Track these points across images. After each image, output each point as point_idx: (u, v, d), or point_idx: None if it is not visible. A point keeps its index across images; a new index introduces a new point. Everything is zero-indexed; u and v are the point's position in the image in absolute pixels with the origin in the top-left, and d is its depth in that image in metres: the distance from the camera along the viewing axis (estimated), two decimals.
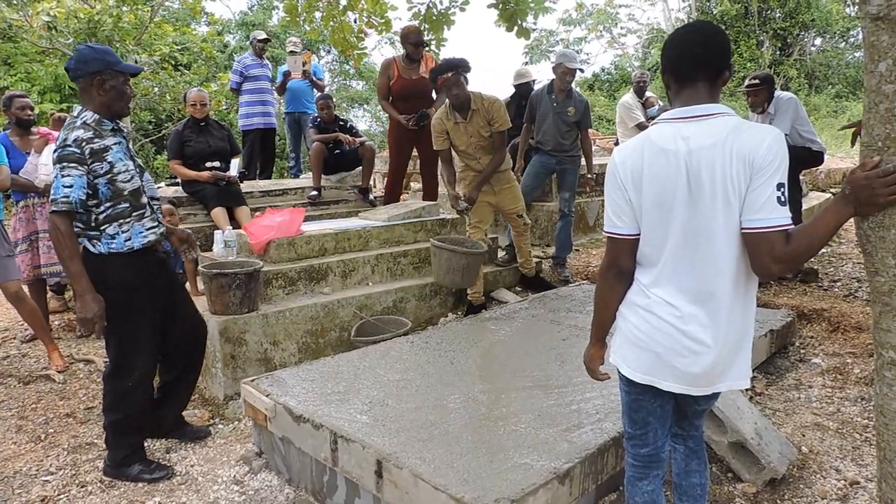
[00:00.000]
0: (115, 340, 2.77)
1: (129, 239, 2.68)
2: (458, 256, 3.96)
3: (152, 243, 2.79)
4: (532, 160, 5.33)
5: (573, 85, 5.25)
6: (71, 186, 2.48)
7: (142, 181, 2.77)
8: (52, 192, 2.52)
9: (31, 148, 4.43)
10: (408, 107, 5.39)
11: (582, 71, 5.30)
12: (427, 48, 5.46)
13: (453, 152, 4.44)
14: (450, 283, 4.10)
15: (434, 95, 5.41)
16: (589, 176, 5.55)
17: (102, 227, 2.63)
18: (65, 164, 2.49)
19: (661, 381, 1.64)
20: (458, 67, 4.07)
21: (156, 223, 2.81)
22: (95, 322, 2.58)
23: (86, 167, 2.53)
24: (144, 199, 2.77)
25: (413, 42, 5.30)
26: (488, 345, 3.37)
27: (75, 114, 2.66)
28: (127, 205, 2.66)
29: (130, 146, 2.81)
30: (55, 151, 2.56)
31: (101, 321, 2.59)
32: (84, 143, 2.54)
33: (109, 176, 2.60)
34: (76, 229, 2.59)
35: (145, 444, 2.93)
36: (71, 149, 2.51)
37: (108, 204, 2.62)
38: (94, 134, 2.59)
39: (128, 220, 2.67)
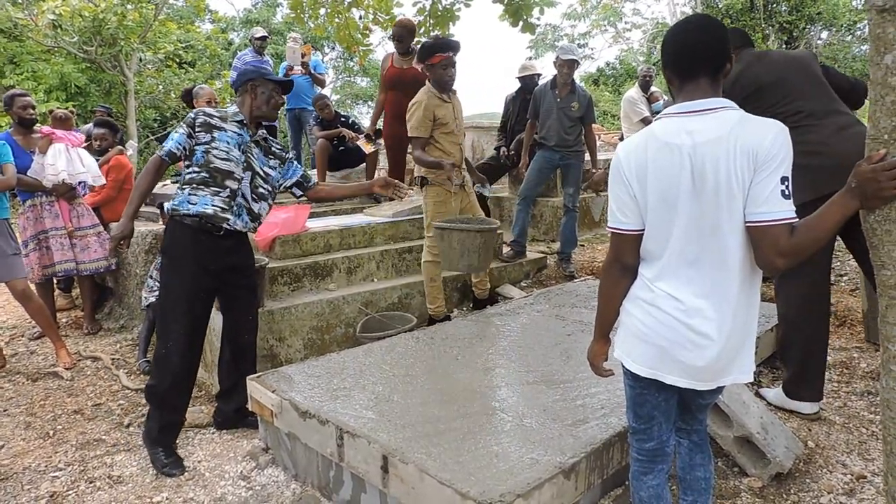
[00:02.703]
0: (160, 303, 3.07)
1: (195, 204, 2.87)
2: (473, 235, 3.52)
3: (208, 217, 2.87)
4: (536, 156, 5.32)
5: (577, 80, 5.24)
6: (172, 140, 2.90)
7: (242, 175, 2.95)
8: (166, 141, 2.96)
9: (35, 147, 4.44)
10: (399, 96, 5.34)
11: (578, 63, 5.26)
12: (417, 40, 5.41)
13: (432, 146, 4.04)
14: (465, 268, 3.66)
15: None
16: (593, 171, 5.53)
17: (184, 187, 2.92)
18: (180, 124, 2.94)
19: (666, 375, 1.64)
20: (457, 49, 4.00)
21: (226, 207, 2.91)
22: (115, 241, 2.87)
23: (191, 130, 2.91)
24: (230, 185, 2.92)
25: (393, 35, 5.27)
26: (493, 340, 3.37)
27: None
28: (206, 175, 2.89)
29: (253, 148, 3.01)
30: None
31: (119, 242, 2.87)
32: (201, 115, 2.94)
33: (206, 147, 2.90)
34: (177, 188, 2.98)
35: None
36: (190, 114, 2.97)
37: (195, 168, 2.91)
38: (220, 116, 2.97)
39: (201, 187, 2.89)
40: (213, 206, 2.88)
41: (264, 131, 3.11)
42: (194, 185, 2.88)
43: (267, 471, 2.78)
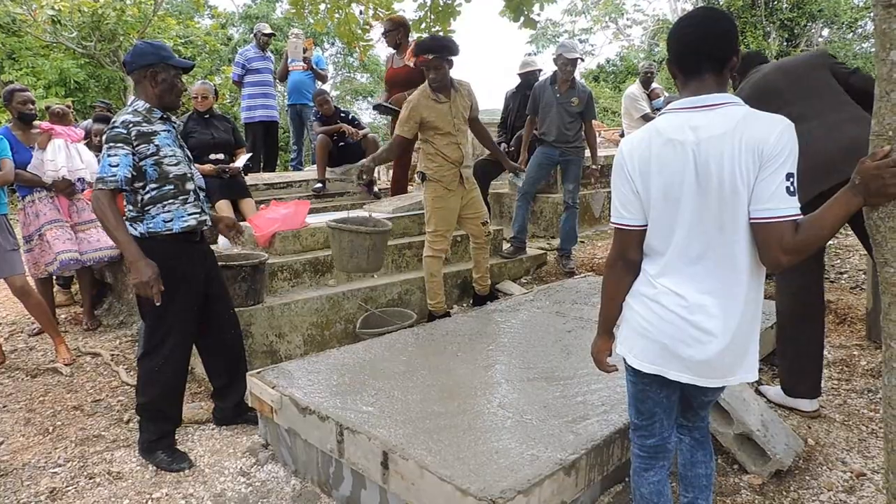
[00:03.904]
0: (148, 322, 2.86)
1: (170, 220, 2.74)
2: (362, 237, 3.44)
3: (192, 228, 2.82)
4: (536, 152, 5.32)
5: (577, 75, 5.23)
6: (117, 165, 2.60)
7: (190, 170, 2.85)
8: (98, 170, 2.65)
9: (34, 142, 4.43)
10: (400, 94, 5.32)
11: (582, 60, 5.26)
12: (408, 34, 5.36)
13: (429, 144, 4.02)
14: (354, 269, 3.57)
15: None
16: (593, 167, 5.53)
17: (146, 208, 2.72)
18: (111, 144, 2.61)
19: (669, 371, 1.64)
20: (442, 50, 3.82)
21: (199, 210, 2.85)
22: (152, 285, 2.60)
23: (131, 147, 2.63)
24: (190, 186, 2.83)
25: (384, 30, 5.25)
26: (493, 337, 3.37)
27: (129, 103, 2.80)
28: (172, 187, 2.74)
29: (179, 136, 2.91)
30: (105, 134, 2.69)
31: (158, 284, 2.62)
32: (131, 126, 2.65)
33: (156, 158, 2.69)
34: (127, 212, 2.74)
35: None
36: (118, 129, 2.64)
37: (153, 185, 2.71)
38: (143, 119, 2.71)
39: (171, 202, 2.74)
40: (189, 215, 2.80)
41: (176, 119, 2.98)
42: (165, 202, 2.72)
43: (267, 467, 2.78)
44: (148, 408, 2.87)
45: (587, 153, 5.37)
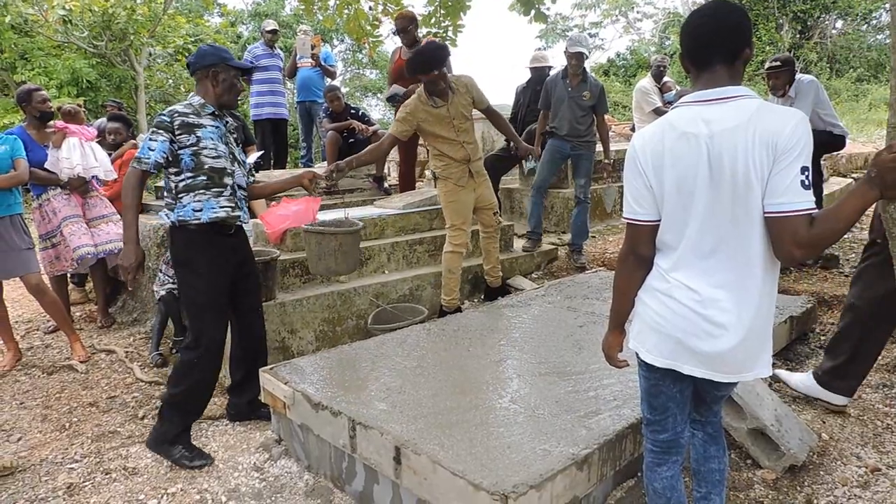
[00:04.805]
0: (189, 313, 2.96)
1: (200, 210, 2.80)
2: (329, 238, 3.37)
3: (222, 220, 2.85)
4: (547, 145, 5.30)
5: (588, 69, 5.20)
6: (154, 150, 2.73)
7: (232, 167, 2.91)
8: (139, 151, 2.78)
9: (49, 141, 4.46)
10: (407, 85, 5.33)
11: (587, 56, 5.22)
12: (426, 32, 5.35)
13: (434, 147, 4.04)
14: (324, 271, 3.48)
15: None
16: (605, 162, 5.50)
17: (180, 196, 2.81)
18: (154, 129, 2.76)
19: (682, 365, 1.63)
20: (432, 68, 3.77)
21: (232, 205, 2.89)
22: (129, 271, 2.75)
23: (170, 135, 2.75)
24: (227, 181, 2.88)
25: (397, 31, 5.27)
26: (505, 332, 3.37)
27: (188, 98, 2.94)
28: (205, 178, 2.80)
29: (230, 137, 2.97)
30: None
31: (135, 271, 2.76)
32: (177, 115, 2.78)
33: (195, 148, 2.78)
34: (166, 198, 2.87)
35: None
36: (163, 117, 2.78)
37: (188, 174, 2.79)
38: (193, 112, 2.82)
39: (203, 192, 2.80)
40: (221, 208, 2.84)
41: (230, 119, 3.03)
42: (197, 191, 2.79)
43: (280, 462, 2.80)
44: (177, 397, 2.87)
45: (599, 147, 5.35)
